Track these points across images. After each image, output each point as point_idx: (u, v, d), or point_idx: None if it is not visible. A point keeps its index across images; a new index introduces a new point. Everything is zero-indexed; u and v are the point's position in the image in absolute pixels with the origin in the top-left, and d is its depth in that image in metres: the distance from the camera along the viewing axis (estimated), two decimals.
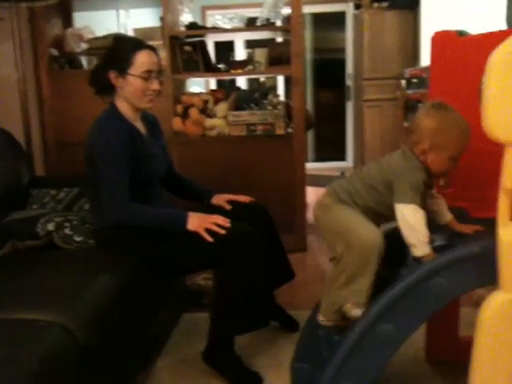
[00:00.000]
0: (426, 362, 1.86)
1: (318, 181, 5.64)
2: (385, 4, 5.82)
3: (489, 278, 1.15)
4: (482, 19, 4.69)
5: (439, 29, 1.68)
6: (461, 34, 1.97)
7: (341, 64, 6.78)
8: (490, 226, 1.16)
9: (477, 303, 1.17)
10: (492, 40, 1.04)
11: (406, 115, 4.62)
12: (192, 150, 2.69)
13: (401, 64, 5.66)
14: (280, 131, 3.12)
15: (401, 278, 1.28)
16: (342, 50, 6.77)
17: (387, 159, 1.49)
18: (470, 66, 1.42)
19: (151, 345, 2.00)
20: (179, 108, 3.13)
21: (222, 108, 3.16)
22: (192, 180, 2.21)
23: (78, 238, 2.01)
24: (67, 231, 2.03)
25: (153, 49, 1.93)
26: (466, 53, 1.59)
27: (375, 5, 5.86)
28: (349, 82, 6.65)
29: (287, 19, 3.16)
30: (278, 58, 3.18)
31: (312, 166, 5.99)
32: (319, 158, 7.10)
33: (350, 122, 6.76)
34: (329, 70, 7.09)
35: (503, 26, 3.68)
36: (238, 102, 3.21)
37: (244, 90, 3.86)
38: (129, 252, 1.84)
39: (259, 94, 3.34)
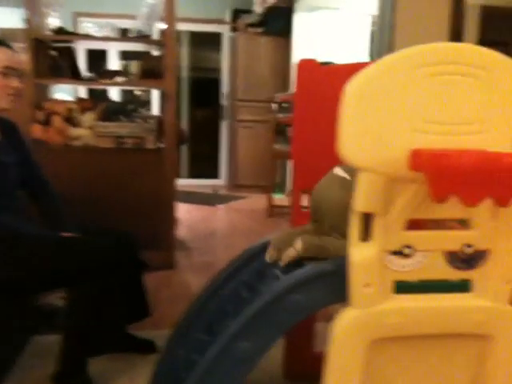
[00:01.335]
0: (284, 377, 1.90)
1: (190, 197, 5.62)
2: (259, 29, 6.04)
3: (342, 294, 1.21)
4: (350, 50, 5.06)
5: (307, 57, 1.76)
6: (325, 63, 2.09)
7: (217, 83, 6.89)
8: None
9: (332, 318, 1.22)
10: (351, 70, 1.09)
11: (276, 138, 4.81)
12: (53, 160, 2.54)
13: (274, 88, 5.90)
14: (150, 145, 3.06)
15: (259, 296, 1.30)
16: (218, 70, 6.88)
17: None
18: (330, 94, 1.50)
19: None
20: (40, 115, 2.94)
21: (88, 118, 3.02)
22: (60, 207, 2.03)
23: None
24: None
25: (11, 47, 1.80)
26: (326, 81, 1.68)
27: (250, 29, 6.06)
28: (224, 101, 6.77)
29: (162, 33, 3.14)
30: (152, 71, 3.14)
31: (185, 183, 5.97)
32: (193, 175, 7.10)
33: (225, 140, 6.87)
34: (205, 89, 7.17)
35: (367, 59, 4.00)
36: (106, 113, 3.10)
37: (114, 102, 3.75)
38: None
39: (132, 106, 3.26)
